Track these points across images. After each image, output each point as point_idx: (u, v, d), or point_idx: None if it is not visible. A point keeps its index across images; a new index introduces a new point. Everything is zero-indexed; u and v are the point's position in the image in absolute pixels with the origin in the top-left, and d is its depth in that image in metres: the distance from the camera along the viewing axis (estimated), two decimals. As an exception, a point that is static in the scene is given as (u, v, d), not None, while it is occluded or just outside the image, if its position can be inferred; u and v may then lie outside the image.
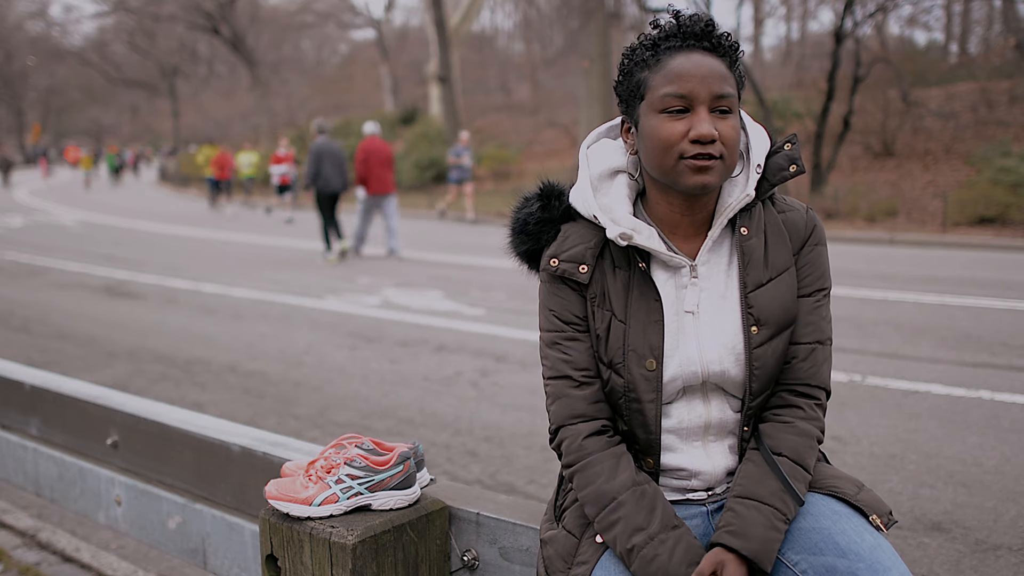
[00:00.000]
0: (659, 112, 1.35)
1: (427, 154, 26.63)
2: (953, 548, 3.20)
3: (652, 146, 1.37)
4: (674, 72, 1.34)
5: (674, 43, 1.36)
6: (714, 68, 1.34)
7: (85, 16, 69.58)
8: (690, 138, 1.33)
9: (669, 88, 1.34)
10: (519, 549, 1.64)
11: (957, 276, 9.88)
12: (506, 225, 1.53)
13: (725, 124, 1.34)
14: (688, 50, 1.35)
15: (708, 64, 1.34)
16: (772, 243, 1.43)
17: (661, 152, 1.35)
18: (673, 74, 1.34)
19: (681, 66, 1.34)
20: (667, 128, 1.34)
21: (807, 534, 1.32)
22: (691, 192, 1.37)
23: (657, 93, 1.35)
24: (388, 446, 1.74)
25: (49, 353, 6.60)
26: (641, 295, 1.41)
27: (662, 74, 1.35)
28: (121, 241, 15.57)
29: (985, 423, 4.57)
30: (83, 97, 58.52)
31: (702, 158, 1.33)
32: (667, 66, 1.35)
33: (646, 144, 1.38)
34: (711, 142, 1.32)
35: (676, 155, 1.34)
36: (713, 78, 1.33)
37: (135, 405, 2.45)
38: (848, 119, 18.05)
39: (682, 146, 1.33)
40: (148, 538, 2.36)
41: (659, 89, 1.35)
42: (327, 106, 43.73)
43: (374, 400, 5.25)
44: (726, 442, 1.44)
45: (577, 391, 1.43)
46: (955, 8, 25.22)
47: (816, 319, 1.44)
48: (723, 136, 1.33)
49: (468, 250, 13.13)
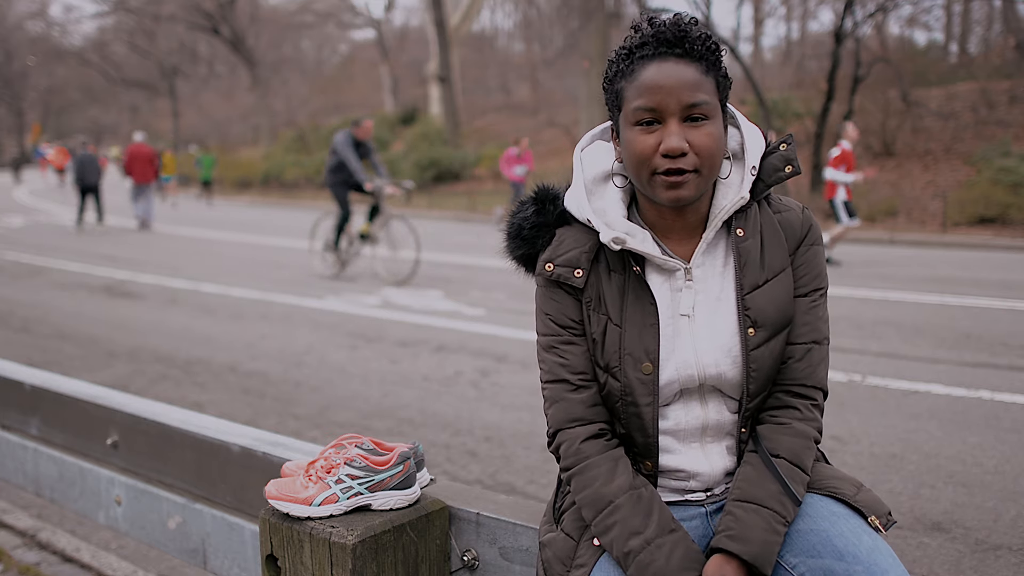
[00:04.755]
0: (633, 125, 1.35)
1: (427, 154, 26.65)
2: (953, 548, 3.20)
3: (628, 159, 1.37)
4: (644, 84, 1.33)
5: (647, 51, 1.34)
6: (685, 77, 1.32)
7: (85, 16, 69.60)
8: (660, 152, 1.32)
9: (639, 101, 1.33)
10: (519, 549, 1.64)
11: (957, 276, 9.88)
12: (501, 230, 1.53)
13: (699, 133, 1.32)
14: (660, 58, 1.33)
15: (678, 73, 1.32)
16: (768, 244, 1.43)
17: (636, 166, 1.35)
18: (643, 86, 1.33)
19: (651, 77, 1.33)
20: (640, 141, 1.34)
21: (805, 536, 1.32)
22: (668, 206, 1.37)
23: (630, 106, 1.35)
24: (388, 446, 1.74)
25: (49, 353, 6.60)
26: (636, 299, 1.41)
27: (635, 86, 1.34)
28: (121, 241, 15.57)
29: (985, 423, 4.57)
30: (83, 97, 58.50)
31: (673, 173, 1.32)
32: (639, 77, 1.34)
33: (625, 156, 1.38)
34: (681, 155, 1.31)
35: (649, 170, 1.34)
36: (683, 87, 1.31)
37: (135, 405, 2.45)
38: (848, 119, 18.04)
39: (655, 161, 1.33)
40: (148, 538, 2.36)
41: (632, 102, 1.34)
42: (327, 106, 43.75)
43: (374, 400, 5.25)
44: (724, 443, 1.44)
45: (574, 395, 1.43)
46: (955, 8, 25.25)
47: (812, 319, 1.43)
48: (696, 146, 1.32)
49: (468, 250, 13.13)
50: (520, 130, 31.18)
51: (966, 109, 19.36)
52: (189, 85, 52.42)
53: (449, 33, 30.55)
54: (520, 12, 46.14)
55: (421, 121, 31.36)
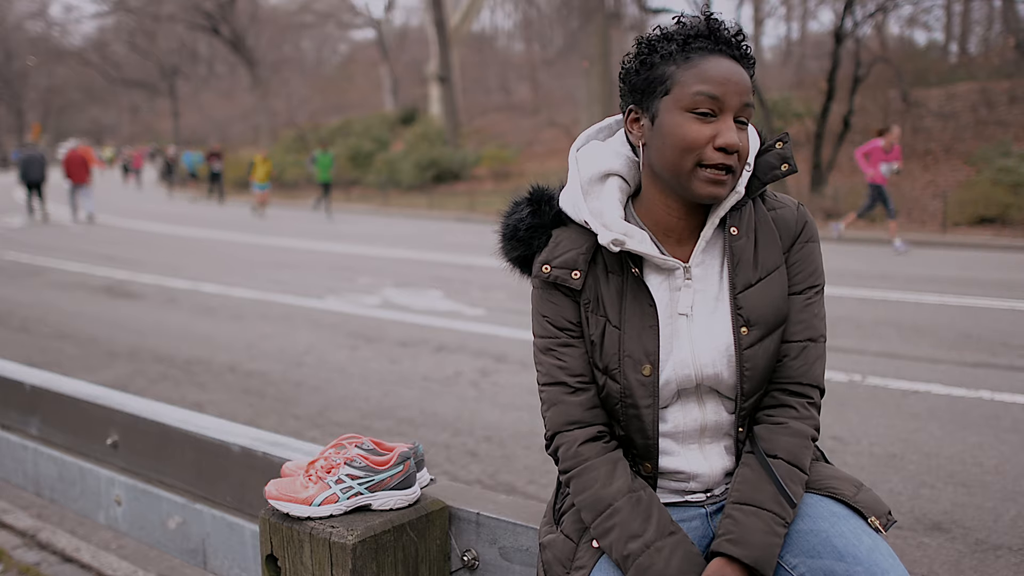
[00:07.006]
0: (686, 110, 1.33)
1: (427, 154, 26.64)
2: (953, 548, 3.20)
3: (672, 144, 1.34)
4: (708, 73, 1.32)
5: (705, 44, 1.34)
6: (743, 78, 1.34)
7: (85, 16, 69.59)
8: (716, 144, 1.31)
9: (703, 87, 1.31)
10: (519, 549, 1.64)
11: (957, 276, 9.88)
12: (496, 231, 1.51)
13: (744, 135, 1.34)
14: (719, 55, 1.34)
15: (739, 73, 1.34)
16: (762, 242, 1.42)
17: (680, 152, 1.33)
18: (707, 75, 1.32)
19: (715, 69, 1.33)
20: (693, 129, 1.32)
21: (805, 536, 1.32)
22: (701, 201, 1.36)
23: (688, 90, 1.32)
24: (388, 446, 1.74)
25: (49, 353, 6.60)
26: (635, 300, 1.40)
27: (694, 72, 1.33)
28: (121, 241, 15.57)
29: (985, 423, 4.57)
30: (83, 97, 58.50)
31: (721, 169, 1.32)
32: (699, 65, 1.33)
33: (665, 141, 1.35)
34: (734, 152, 1.32)
35: (695, 160, 1.32)
36: (743, 88, 1.33)
37: (135, 405, 2.44)
38: (848, 119, 18.05)
39: (705, 152, 1.32)
40: (148, 538, 2.36)
41: (691, 86, 1.32)
42: (327, 106, 43.75)
43: (374, 400, 5.25)
44: (722, 443, 1.43)
45: (572, 397, 1.42)
46: (955, 8, 25.25)
47: (808, 316, 1.42)
48: (742, 148, 1.33)
49: (468, 250, 13.14)
50: (520, 130, 31.25)
51: (966, 109, 19.36)
52: (189, 85, 52.41)
53: (449, 33, 30.55)
54: (520, 12, 46.17)
55: (421, 121, 31.33)
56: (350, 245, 14.25)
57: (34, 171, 19.33)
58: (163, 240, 15.78)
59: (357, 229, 17.55)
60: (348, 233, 16.59)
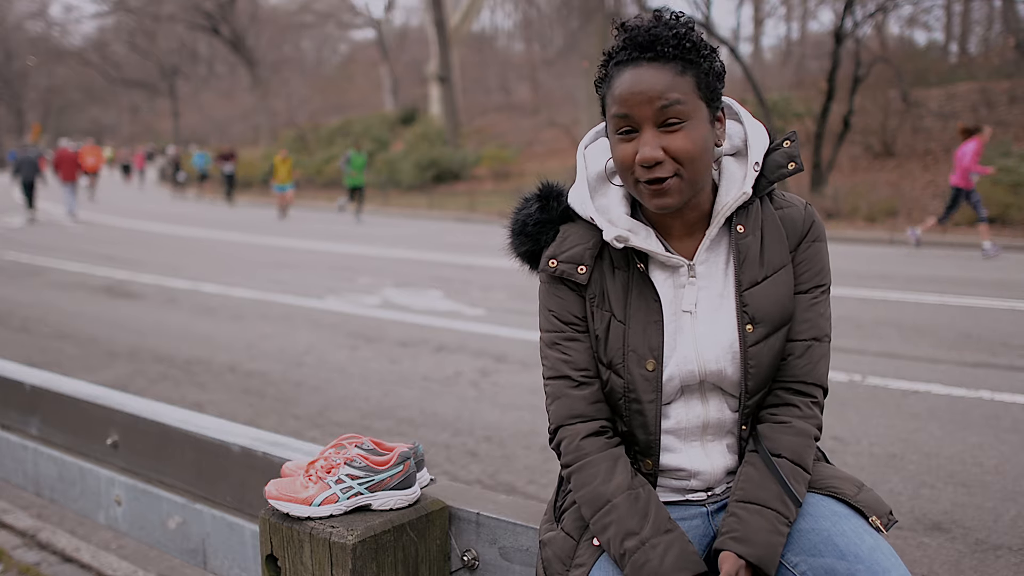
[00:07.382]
0: (615, 133, 1.35)
1: (427, 154, 26.63)
2: (953, 548, 3.20)
3: (615, 166, 1.37)
4: (617, 93, 1.33)
5: (622, 57, 1.33)
6: (655, 82, 1.29)
7: (85, 16, 69.59)
8: (636, 162, 1.32)
9: (615, 108, 1.33)
10: (519, 549, 1.64)
11: (957, 276, 9.88)
12: (505, 226, 1.52)
13: (675, 138, 1.30)
14: (634, 64, 1.32)
15: (649, 79, 1.30)
16: (768, 240, 1.42)
17: (621, 173, 1.36)
18: (617, 95, 1.33)
19: (622, 85, 1.32)
20: (620, 150, 1.34)
21: (806, 535, 1.32)
22: (657, 212, 1.37)
23: (610, 113, 1.35)
24: (388, 446, 1.74)
25: (49, 353, 6.60)
26: (640, 295, 1.41)
27: (611, 95, 1.34)
28: (121, 241, 15.57)
29: (985, 423, 4.57)
30: (83, 97, 58.51)
31: (654, 183, 1.32)
32: (613, 85, 1.34)
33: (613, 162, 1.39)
34: (656, 164, 1.31)
35: (633, 178, 1.34)
36: (652, 94, 1.29)
37: (135, 405, 2.44)
38: (848, 119, 18.05)
39: (636, 170, 1.33)
40: (148, 538, 2.36)
41: (610, 109, 1.35)
42: (327, 106, 43.76)
43: (374, 400, 5.25)
44: (724, 442, 1.44)
45: (576, 391, 1.42)
46: (955, 8, 25.26)
47: (813, 315, 1.42)
48: (673, 151, 1.30)
49: (468, 250, 13.14)
50: (520, 130, 31.25)
51: (966, 109, 19.36)
52: (189, 85, 52.43)
53: (449, 33, 30.55)
54: (520, 12, 46.16)
55: (421, 121, 31.33)
56: (350, 245, 14.25)
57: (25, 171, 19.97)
58: (163, 240, 15.77)
59: (357, 229, 17.57)
60: (348, 233, 16.60)
